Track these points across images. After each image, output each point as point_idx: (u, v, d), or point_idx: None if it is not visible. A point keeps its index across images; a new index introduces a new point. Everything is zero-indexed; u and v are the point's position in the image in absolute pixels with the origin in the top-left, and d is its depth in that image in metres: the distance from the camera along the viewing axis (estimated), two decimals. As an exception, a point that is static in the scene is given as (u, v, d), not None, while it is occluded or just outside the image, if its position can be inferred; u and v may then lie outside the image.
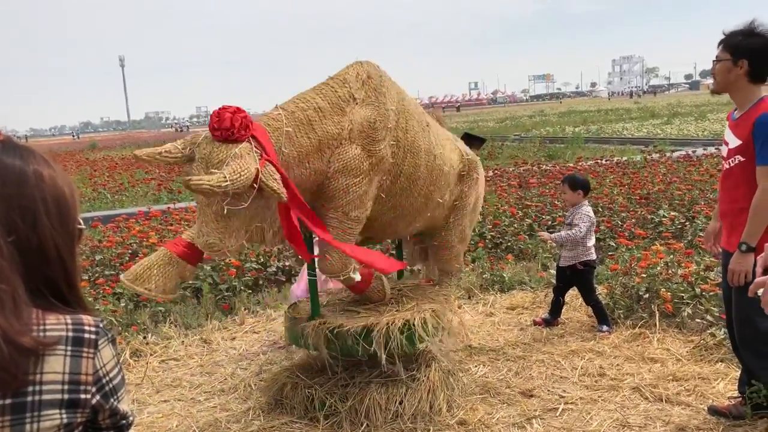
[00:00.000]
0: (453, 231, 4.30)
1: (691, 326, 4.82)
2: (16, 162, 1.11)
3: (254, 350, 5.13)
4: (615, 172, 11.02)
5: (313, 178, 3.33)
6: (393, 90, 3.58)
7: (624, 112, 38.67)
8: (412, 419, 3.68)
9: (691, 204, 8.03)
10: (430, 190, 3.87)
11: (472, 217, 4.49)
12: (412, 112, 3.67)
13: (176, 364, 4.95)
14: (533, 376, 4.32)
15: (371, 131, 3.39)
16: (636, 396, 3.96)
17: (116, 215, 9.59)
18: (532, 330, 5.18)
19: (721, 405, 3.65)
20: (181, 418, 4.03)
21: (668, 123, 27.22)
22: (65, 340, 1.07)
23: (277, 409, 3.97)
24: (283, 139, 3.17)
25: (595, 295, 5.10)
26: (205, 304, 5.94)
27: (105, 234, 7.83)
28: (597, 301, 5.08)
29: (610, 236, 7.19)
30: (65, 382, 1.06)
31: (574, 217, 5.04)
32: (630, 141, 19.87)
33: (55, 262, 1.11)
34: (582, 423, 3.67)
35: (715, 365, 4.28)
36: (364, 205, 3.46)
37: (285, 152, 3.16)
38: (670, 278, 5.20)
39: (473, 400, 3.96)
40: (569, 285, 5.19)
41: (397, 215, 3.81)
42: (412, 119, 3.64)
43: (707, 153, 13.85)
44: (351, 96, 3.40)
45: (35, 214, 1.09)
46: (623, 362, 4.44)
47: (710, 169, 10.54)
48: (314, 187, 3.38)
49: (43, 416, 1.04)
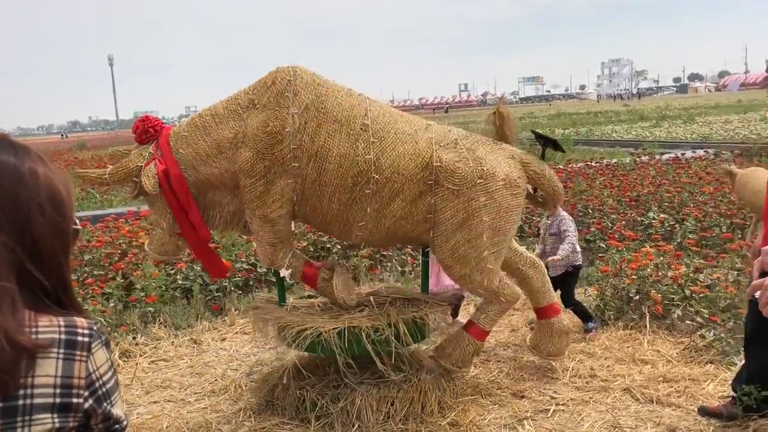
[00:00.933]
0: (440, 249, 3.81)
1: (681, 328, 4.84)
2: (10, 159, 1.09)
3: (244, 351, 5.11)
4: (605, 175, 11.06)
5: (228, 176, 3.74)
6: (306, 94, 3.63)
7: (613, 114, 38.86)
8: (403, 420, 3.68)
9: (680, 206, 8.07)
10: (351, 198, 3.67)
11: (471, 236, 3.73)
12: (330, 116, 3.63)
13: (166, 365, 4.92)
14: (524, 378, 4.32)
15: (264, 135, 3.59)
16: (627, 397, 3.98)
17: (105, 215, 9.51)
18: (524, 331, 5.18)
19: (711, 406, 3.67)
20: (171, 419, 4.01)
21: (657, 126, 27.37)
22: (58, 342, 1.05)
23: (268, 410, 3.96)
24: (180, 142, 3.76)
25: (574, 298, 5.10)
26: (195, 304, 5.91)
27: (94, 234, 7.77)
28: (577, 302, 5.07)
29: (600, 238, 7.22)
30: (57, 385, 1.04)
31: (561, 226, 4.97)
32: (619, 143, 19.96)
33: (49, 262, 1.09)
34: (573, 424, 3.68)
35: (704, 366, 4.30)
36: (266, 204, 3.69)
37: (182, 152, 3.73)
38: (660, 280, 5.23)
39: (465, 402, 3.96)
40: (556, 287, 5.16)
41: (322, 220, 3.85)
42: (327, 123, 3.61)
43: (696, 155, 13.95)
44: (251, 102, 3.68)
45: (30, 213, 1.07)
46: (614, 363, 4.46)
47: (699, 171, 10.61)
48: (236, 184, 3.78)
49: (35, 420, 1.02)
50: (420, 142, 3.73)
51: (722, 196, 8.18)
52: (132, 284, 5.99)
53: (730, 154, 14.06)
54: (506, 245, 3.91)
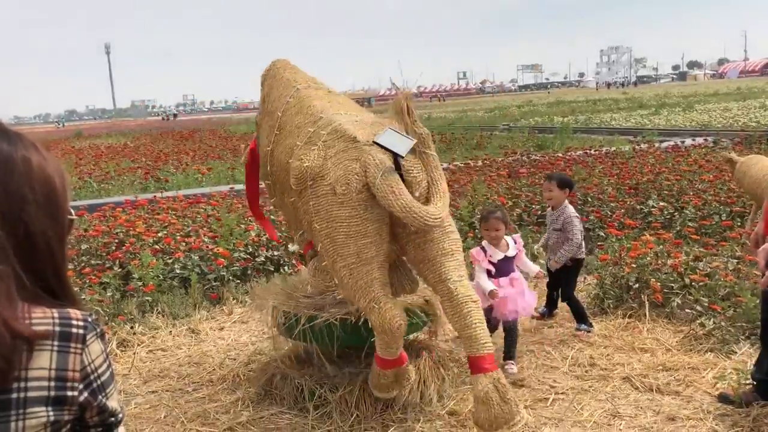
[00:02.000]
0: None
1: (681, 316, 4.83)
2: (2, 147, 1.06)
3: (243, 340, 5.09)
4: (604, 163, 11.03)
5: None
6: (265, 84, 4.13)
7: (612, 102, 38.78)
8: (402, 410, 3.67)
9: (679, 194, 8.04)
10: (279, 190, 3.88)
11: (319, 243, 3.39)
12: (266, 107, 4.04)
13: (164, 355, 4.91)
14: (523, 366, 4.31)
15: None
16: (626, 386, 3.97)
17: (102, 204, 9.47)
18: (522, 320, 5.16)
19: (730, 392, 3.64)
20: (169, 408, 4.00)
21: (656, 114, 27.31)
22: (52, 334, 1.03)
23: (266, 400, 3.95)
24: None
25: (573, 293, 4.99)
26: (193, 293, 5.88)
27: (91, 223, 7.74)
28: (575, 300, 4.97)
29: (599, 226, 7.20)
30: (52, 378, 1.02)
31: (564, 222, 4.90)
32: (618, 131, 19.91)
33: (43, 253, 1.07)
34: (573, 413, 3.67)
35: (704, 355, 4.29)
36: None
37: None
38: (660, 268, 5.21)
39: (464, 391, 3.94)
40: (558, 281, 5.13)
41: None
42: (265, 113, 4.06)
43: (695, 143, 13.92)
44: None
45: (22, 203, 1.04)
46: (613, 352, 4.45)
47: (698, 159, 10.57)
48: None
49: (29, 414, 1.00)
50: (299, 136, 3.48)
51: (722, 184, 8.15)
52: (129, 273, 5.96)
53: (729, 141, 14.03)
54: (364, 260, 3.20)
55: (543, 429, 3.52)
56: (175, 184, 12.95)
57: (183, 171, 15.04)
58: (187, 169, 15.17)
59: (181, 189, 11.85)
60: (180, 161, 17.17)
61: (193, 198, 9.72)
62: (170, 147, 22.73)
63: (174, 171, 15.19)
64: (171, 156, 18.99)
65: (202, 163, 16.74)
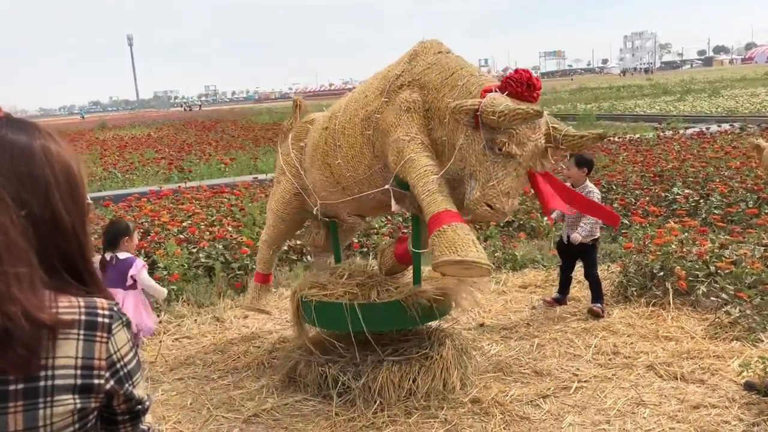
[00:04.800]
0: None
1: (706, 304, 4.79)
2: (21, 137, 1.09)
3: (267, 328, 5.14)
4: (628, 150, 10.91)
5: None
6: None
7: (636, 88, 38.26)
8: (425, 397, 3.69)
9: (705, 181, 7.94)
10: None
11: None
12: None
13: (189, 343, 4.98)
14: (546, 355, 4.31)
15: None
16: (650, 374, 3.95)
17: (127, 194, 9.60)
18: (545, 308, 5.16)
19: (756, 381, 3.61)
20: (195, 395, 4.06)
21: (681, 100, 26.92)
22: (78, 323, 1.05)
23: (290, 387, 3.99)
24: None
25: (596, 271, 5.07)
26: (217, 282, 5.95)
27: (117, 213, 7.85)
28: (597, 276, 5.05)
29: (623, 214, 7.13)
30: (78, 366, 1.04)
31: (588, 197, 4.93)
32: (642, 118, 19.67)
33: (69, 236, 1.09)
34: (596, 401, 3.66)
35: (730, 343, 4.25)
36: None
37: None
38: (685, 256, 5.16)
39: (486, 378, 3.96)
40: (573, 261, 5.16)
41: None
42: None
43: (721, 130, 13.69)
44: None
45: (47, 189, 1.07)
46: (637, 340, 4.42)
47: (725, 146, 10.41)
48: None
49: (56, 401, 1.02)
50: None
51: (748, 171, 8.03)
52: (155, 263, 6.04)
53: (756, 127, 13.79)
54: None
55: (566, 417, 3.51)
56: (198, 174, 13.05)
57: (206, 161, 15.15)
58: (209, 160, 15.28)
59: (205, 179, 11.94)
60: (203, 151, 17.29)
61: (216, 188, 9.80)
62: (193, 138, 22.88)
63: (197, 161, 15.30)
64: (194, 146, 19.12)
65: (225, 153, 16.82)
